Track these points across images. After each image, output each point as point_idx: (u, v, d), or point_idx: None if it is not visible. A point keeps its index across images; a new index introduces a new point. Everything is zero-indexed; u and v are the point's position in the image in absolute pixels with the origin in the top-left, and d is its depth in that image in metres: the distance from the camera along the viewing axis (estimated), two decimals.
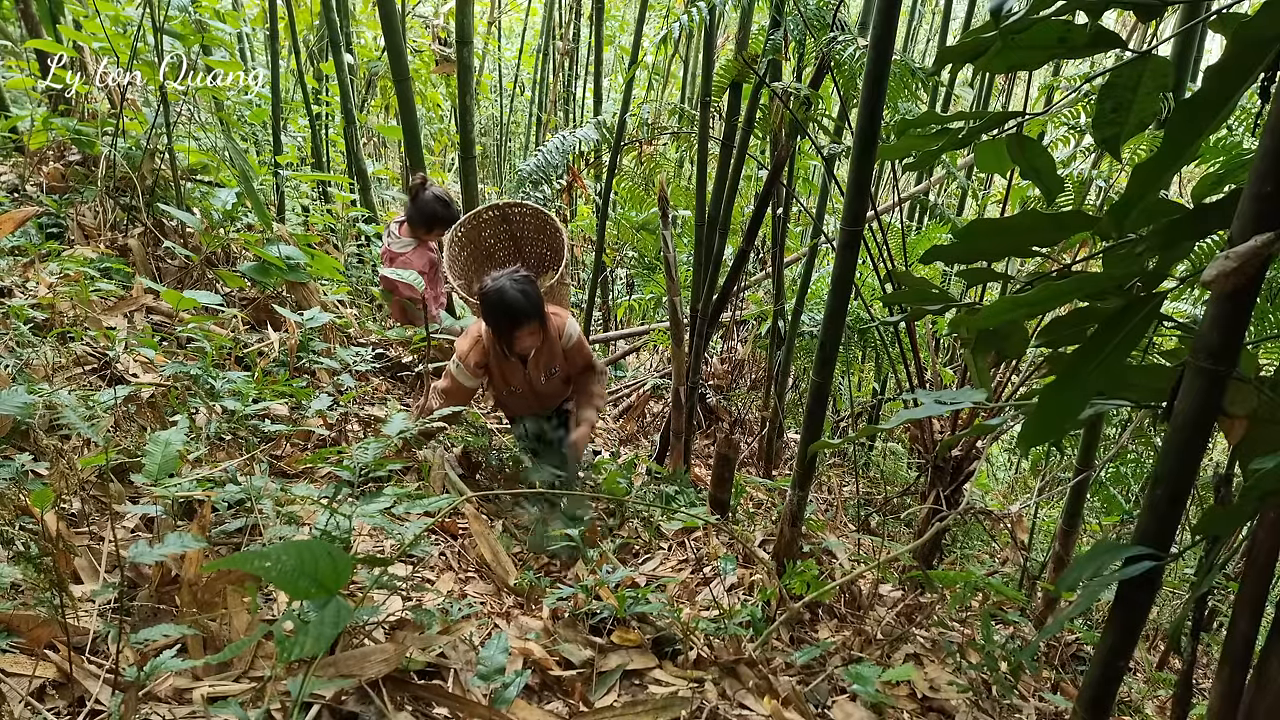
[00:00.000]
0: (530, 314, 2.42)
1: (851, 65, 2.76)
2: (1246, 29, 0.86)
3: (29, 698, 1.23)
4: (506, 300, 2.39)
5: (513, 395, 2.74)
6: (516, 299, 2.39)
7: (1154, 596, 1.07)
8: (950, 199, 6.35)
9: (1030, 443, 1.04)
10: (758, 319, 4.71)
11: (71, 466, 1.78)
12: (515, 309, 2.40)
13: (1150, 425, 3.00)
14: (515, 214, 3.42)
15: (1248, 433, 1.01)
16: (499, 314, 2.42)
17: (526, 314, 2.41)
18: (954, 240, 1.19)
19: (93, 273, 2.82)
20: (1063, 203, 3.14)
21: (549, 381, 2.71)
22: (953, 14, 5.37)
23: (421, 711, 1.46)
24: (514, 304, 2.39)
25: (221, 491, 1.85)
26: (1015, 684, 2.09)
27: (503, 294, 2.39)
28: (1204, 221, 0.98)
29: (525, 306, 2.40)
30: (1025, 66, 1.12)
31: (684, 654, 1.89)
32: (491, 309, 2.42)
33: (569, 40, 7.47)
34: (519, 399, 2.77)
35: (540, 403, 2.82)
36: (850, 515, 3.76)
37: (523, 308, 2.40)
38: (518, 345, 2.50)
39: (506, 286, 2.39)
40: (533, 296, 2.43)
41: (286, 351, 2.92)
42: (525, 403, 2.80)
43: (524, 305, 2.40)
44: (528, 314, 2.42)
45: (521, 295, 2.40)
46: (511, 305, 2.39)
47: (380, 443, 1.85)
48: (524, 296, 2.40)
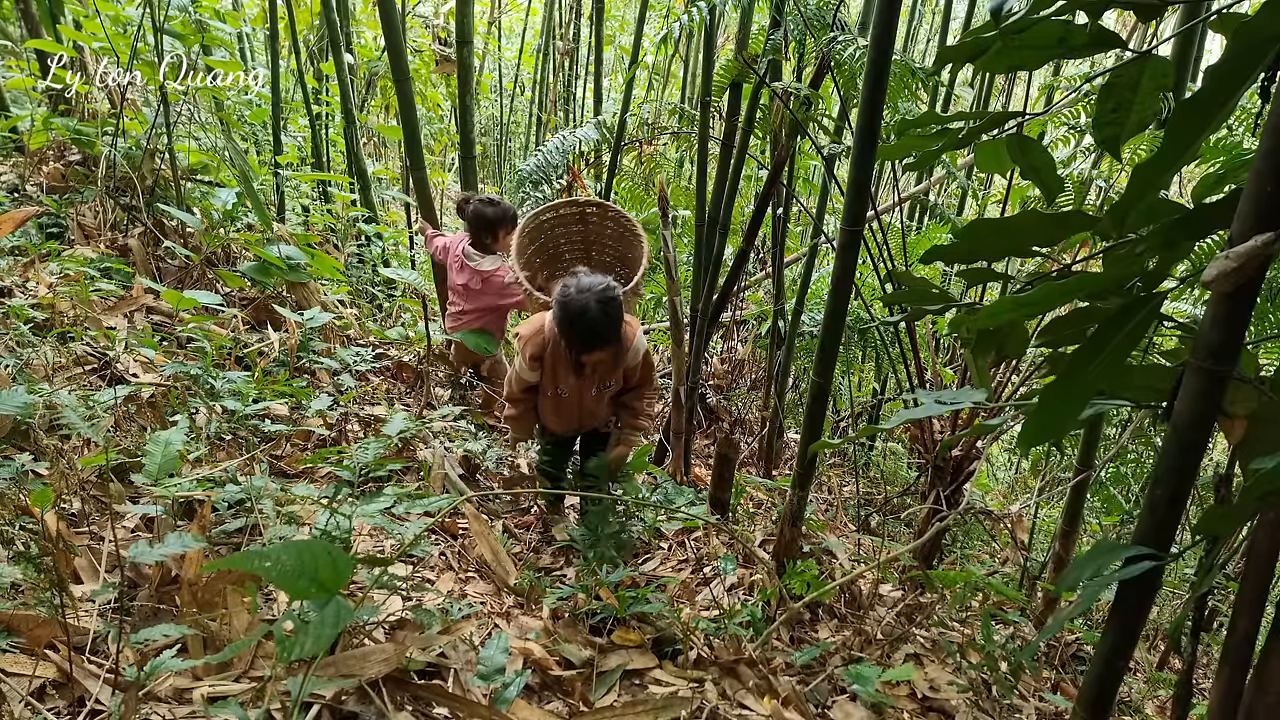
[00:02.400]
0: (609, 340, 2.21)
1: (851, 65, 2.76)
2: (1246, 29, 0.86)
3: (29, 698, 1.23)
4: (588, 321, 2.15)
5: (558, 400, 2.49)
6: (597, 321, 2.14)
7: (1154, 596, 1.07)
8: (950, 199, 6.35)
9: (1030, 443, 1.04)
10: (758, 319, 4.71)
11: (71, 466, 1.78)
12: (594, 333, 2.17)
13: (1150, 425, 3.00)
14: (594, 215, 3.23)
15: (1248, 433, 1.01)
16: (575, 332, 2.19)
17: (605, 340, 2.21)
18: (954, 240, 1.19)
19: (93, 273, 2.82)
20: (1063, 203, 3.14)
21: (600, 395, 2.50)
22: (953, 14, 5.37)
23: (421, 711, 1.46)
24: (593, 327, 2.15)
25: (221, 491, 1.85)
26: (1015, 684, 2.09)
27: (585, 313, 2.14)
28: (1204, 221, 0.97)
29: (606, 332, 2.18)
30: (1025, 66, 1.12)
31: (684, 654, 1.89)
32: (569, 324, 2.18)
33: (569, 40, 7.47)
34: (563, 405, 2.51)
35: (582, 419, 2.59)
36: (850, 515, 3.76)
37: (603, 333, 2.18)
38: (588, 360, 2.32)
39: (591, 306, 2.13)
40: (615, 319, 2.19)
41: (286, 351, 2.92)
42: (568, 412, 2.54)
43: (605, 330, 2.17)
44: (606, 340, 2.21)
45: (603, 317, 2.15)
46: (591, 328, 2.16)
47: (380, 443, 1.85)
48: (606, 319, 2.16)
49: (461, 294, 3.43)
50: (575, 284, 2.18)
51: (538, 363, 2.41)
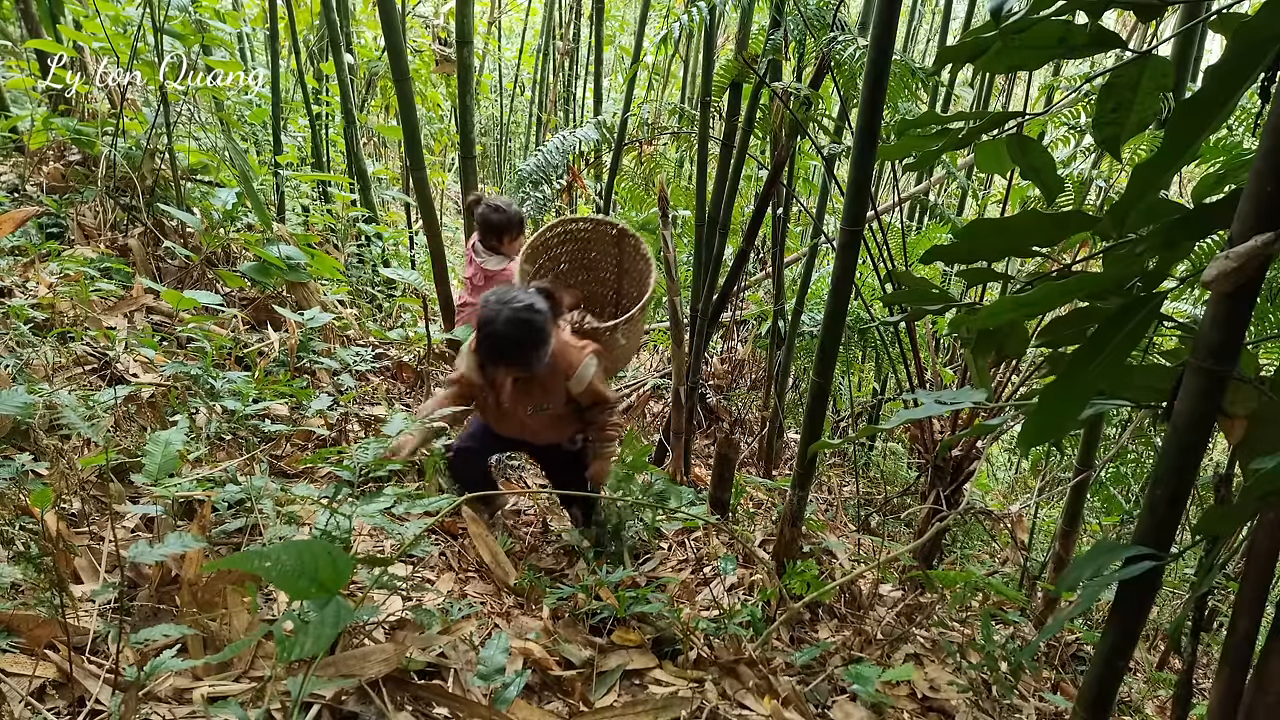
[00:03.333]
0: (511, 359, 2.10)
1: (851, 65, 2.76)
2: (1246, 29, 0.86)
3: (29, 698, 1.23)
4: (491, 334, 2.05)
5: (499, 407, 2.34)
6: (502, 338, 2.05)
7: (1154, 596, 1.07)
8: (950, 199, 6.35)
9: (1030, 443, 1.04)
10: (758, 319, 4.71)
11: (71, 466, 1.78)
12: (495, 349, 2.08)
13: (1150, 425, 3.00)
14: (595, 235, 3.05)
15: (1248, 433, 1.01)
16: (479, 341, 2.11)
17: (506, 358, 2.10)
18: (954, 240, 1.19)
19: (93, 273, 2.82)
20: (1063, 203, 3.14)
21: (536, 416, 2.35)
22: (953, 14, 5.37)
23: (421, 711, 1.46)
24: (496, 343, 2.07)
25: (221, 491, 1.85)
26: (1015, 684, 2.09)
27: (491, 326, 2.04)
28: (1204, 221, 0.98)
29: (508, 351, 2.07)
30: (1025, 66, 1.12)
31: (684, 654, 1.89)
32: (478, 332, 2.10)
33: (569, 40, 7.47)
34: (504, 414, 2.35)
35: (524, 433, 2.43)
36: (850, 515, 3.76)
37: (504, 351, 2.08)
38: (495, 378, 2.23)
39: (499, 320, 2.03)
40: (524, 340, 2.06)
41: (286, 351, 2.92)
42: (509, 421, 2.38)
43: (507, 349, 2.07)
44: (507, 358, 2.10)
45: (510, 335, 2.04)
46: (492, 342, 2.07)
47: (380, 443, 1.85)
48: (512, 338, 2.05)
49: (468, 288, 3.46)
50: (497, 294, 2.10)
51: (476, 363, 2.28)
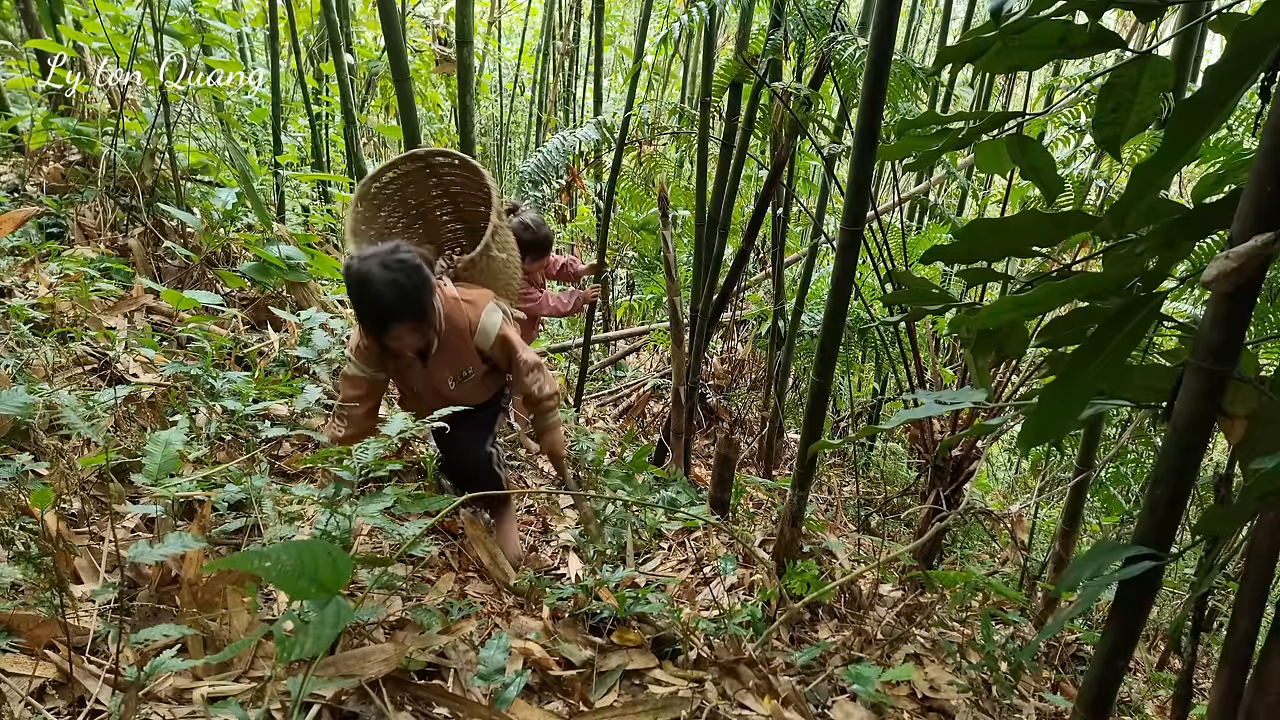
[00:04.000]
0: (403, 313, 1.85)
1: (851, 65, 2.76)
2: (1246, 29, 0.86)
3: (29, 698, 1.23)
4: (372, 291, 1.79)
5: (417, 401, 2.13)
6: (383, 289, 1.79)
7: (1154, 596, 1.07)
8: (950, 199, 6.35)
9: (1030, 443, 1.04)
10: (758, 319, 4.71)
11: (71, 466, 1.78)
12: (382, 305, 1.82)
13: (1150, 425, 3.00)
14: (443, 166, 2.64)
15: (1248, 433, 1.01)
16: (363, 307, 1.86)
17: (397, 313, 1.84)
18: (954, 240, 1.19)
19: (93, 273, 2.81)
20: (1063, 203, 3.14)
21: (460, 386, 2.12)
22: (953, 14, 5.37)
23: (421, 711, 1.46)
24: (380, 298, 1.80)
25: (221, 491, 1.85)
26: (1015, 684, 2.09)
27: (365, 283, 1.79)
28: (1204, 221, 0.98)
29: (397, 303, 1.82)
30: (1025, 66, 1.12)
31: (684, 654, 1.89)
32: (355, 299, 1.85)
33: (569, 40, 7.47)
34: (427, 403, 2.06)
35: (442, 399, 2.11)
36: (850, 515, 3.76)
37: (392, 305, 1.82)
38: (394, 343, 1.95)
39: (373, 273, 1.78)
40: (409, 287, 1.82)
41: (286, 351, 2.92)
42: (425, 398, 2.15)
43: (395, 301, 1.81)
44: (399, 313, 1.84)
45: (390, 287, 1.79)
46: (378, 300, 1.81)
47: (380, 443, 1.85)
48: (396, 287, 1.80)
49: None
50: (358, 253, 1.87)
51: (376, 359, 2.04)
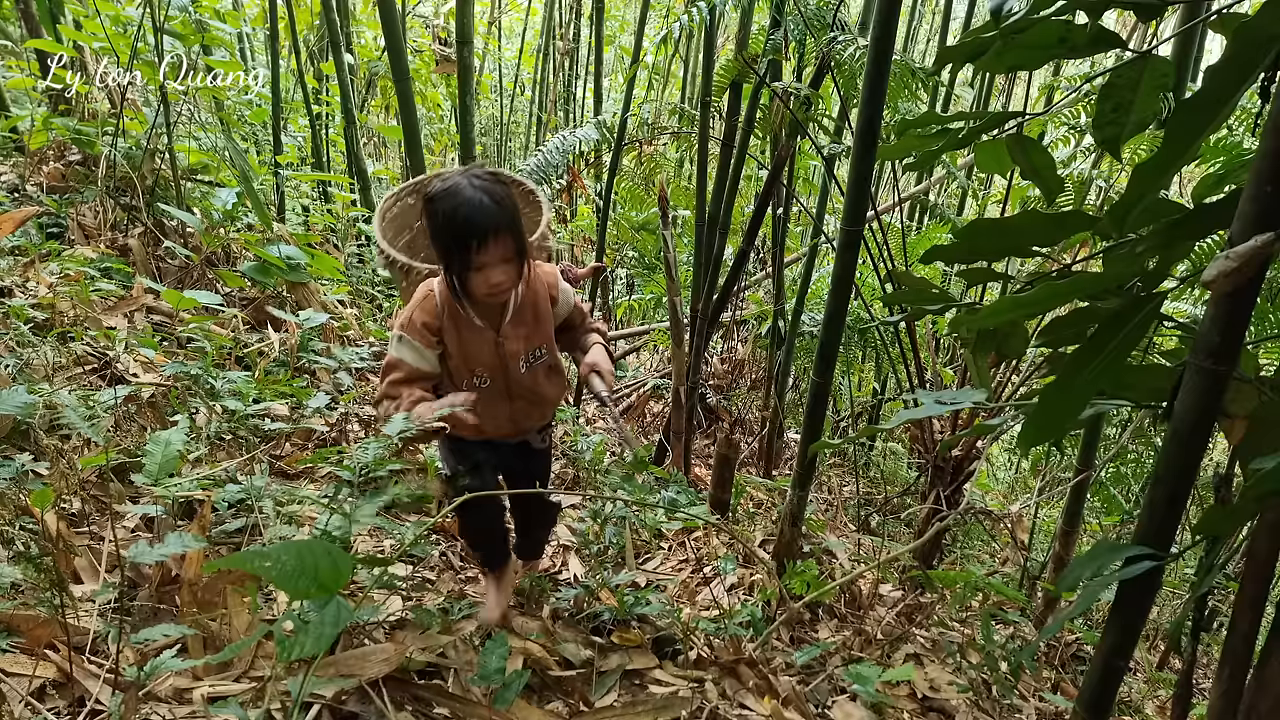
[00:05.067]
0: (500, 224, 1.52)
1: (851, 65, 2.76)
2: (1246, 29, 0.86)
3: (29, 698, 1.23)
4: (460, 203, 1.50)
5: (480, 389, 1.73)
6: (478, 200, 1.50)
7: (1154, 596, 1.07)
8: (950, 199, 6.35)
9: (1030, 443, 1.04)
10: (758, 319, 4.72)
11: (71, 466, 1.78)
12: (480, 214, 1.50)
13: (1150, 425, 3.00)
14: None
15: (1248, 433, 1.01)
16: (449, 226, 1.52)
17: (496, 224, 1.51)
18: (954, 240, 1.19)
19: (93, 273, 2.82)
20: (1063, 203, 3.14)
21: (531, 372, 1.77)
22: (953, 14, 5.37)
23: (421, 711, 1.46)
24: (475, 208, 1.50)
25: (221, 491, 1.85)
26: (1015, 684, 2.09)
27: (455, 193, 1.51)
28: (1204, 221, 0.97)
29: (494, 212, 1.51)
30: (1025, 66, 1.12)
31: (684, 654, 1.89)
32: (439, 221, 1.53)
33: (569, 40, 7.47)
34: (489, 396, 1.73)
35: (515, 414, 1.82)
36: (850, 515, 3.76)
37: (491, 214, 1.51)
38: (484, 280, 1.57)
39: (464, 184, 1.51)
40: (504, 200, 1.55)
41: (286, 351, 2.92)
42: (497, 405, 1.76)
43: (492, 211, 1.51)
44: (497, 224, 1.51)
45: (488, 194, 1.51)
46: (471, 210, 1.50)
47: (380, 442, 1.85)
48: (492, 196, 1.52)
49: None
50: (439, 178, 1.61)
51: (434, 336, 1.67)
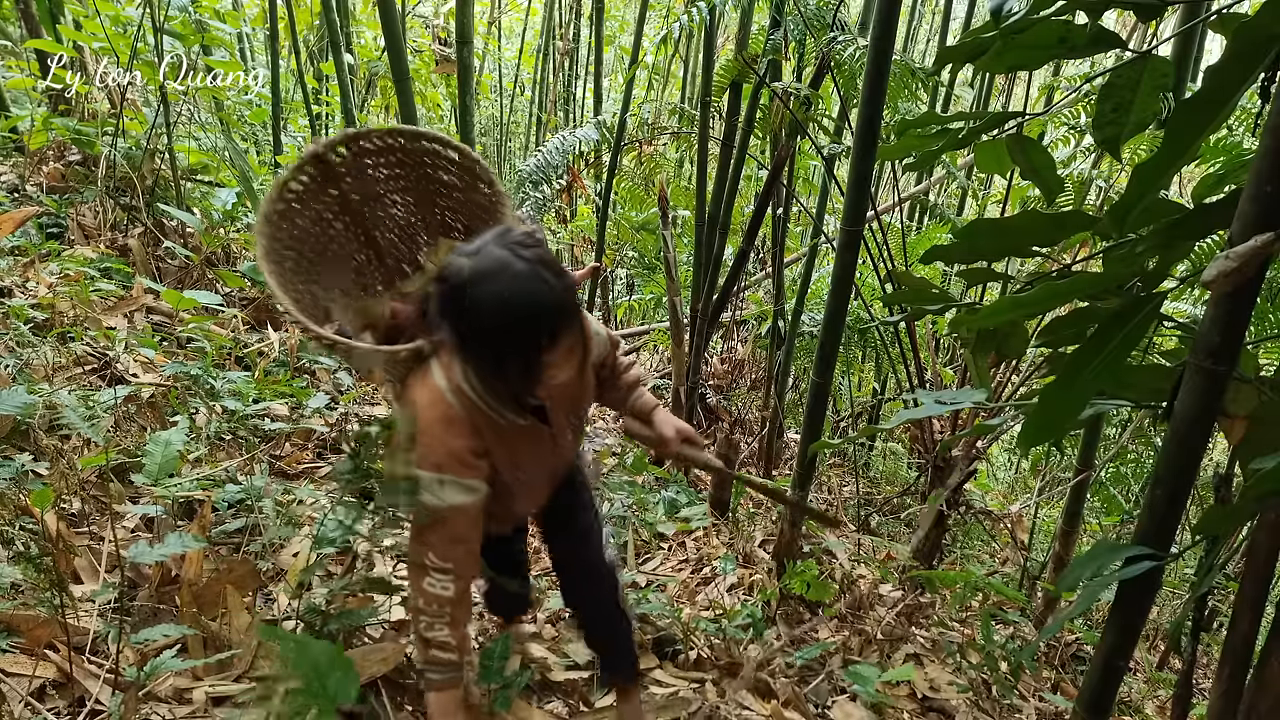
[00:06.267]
0: (569, 308, 1.14)
1: (851, 65, 2.76)
2: (1246, 29, 0.86)
3: (29, 698, 1.23)
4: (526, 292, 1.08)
5: (523, 483, 1.36)
6: (538, 283, 1.09)
7: (1154, 596, 1.07)
8: (950, 199, 6.35)
9: (1030, 443, 1.04)
10: (758, 319, 4.71)
11: (71, 466, 1.78)
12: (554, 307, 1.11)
13: (1150, 425, 3.00)
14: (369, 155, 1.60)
15: (1248, 433, 1.01)
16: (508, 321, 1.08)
17: (569, 315, 1.13)
18: (954, 240, 1.19)
19: (93, 273, 2.81)
20: (1063, 203, 3.14)
21: (575, 436, 1.46)
22: (953, 14, 5.37)
23: (421, 711, 1.45)
24: (546, 299, 1.10)
25: (221, 491, 1.85)
26: (1015, 684, 2.09)
27: (510, 279, 1.07)
28: (1204, 221, 0.98)
29: (559, 293, 1.11)
30: (1025, 66, 1.12)
31: (684, 654, 1.89)
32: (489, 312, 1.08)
33: (569, 40, 7.47)
34: (529, 485, 1.39)
35: (554, 477, 1.48)
36: (850, 515, 3.76)
37: (563, 303, 1.12)
38: (551, 381, 1.19)
39: (510, 262, 1.08)
40: (564, 273, 1.15)
41: (286, 351, 2.92)
42: (536, 489, 1.44)
43: (557, 292, 1.11)
44: (566, 309, 1.13)
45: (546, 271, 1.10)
46: (541, 301, 1.09)
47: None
48: (551, 272, 1.11)
49: None
50: (467, 254, 1.10)
51: (480, 458, 1.24)
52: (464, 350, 1.15)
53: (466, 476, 1.21)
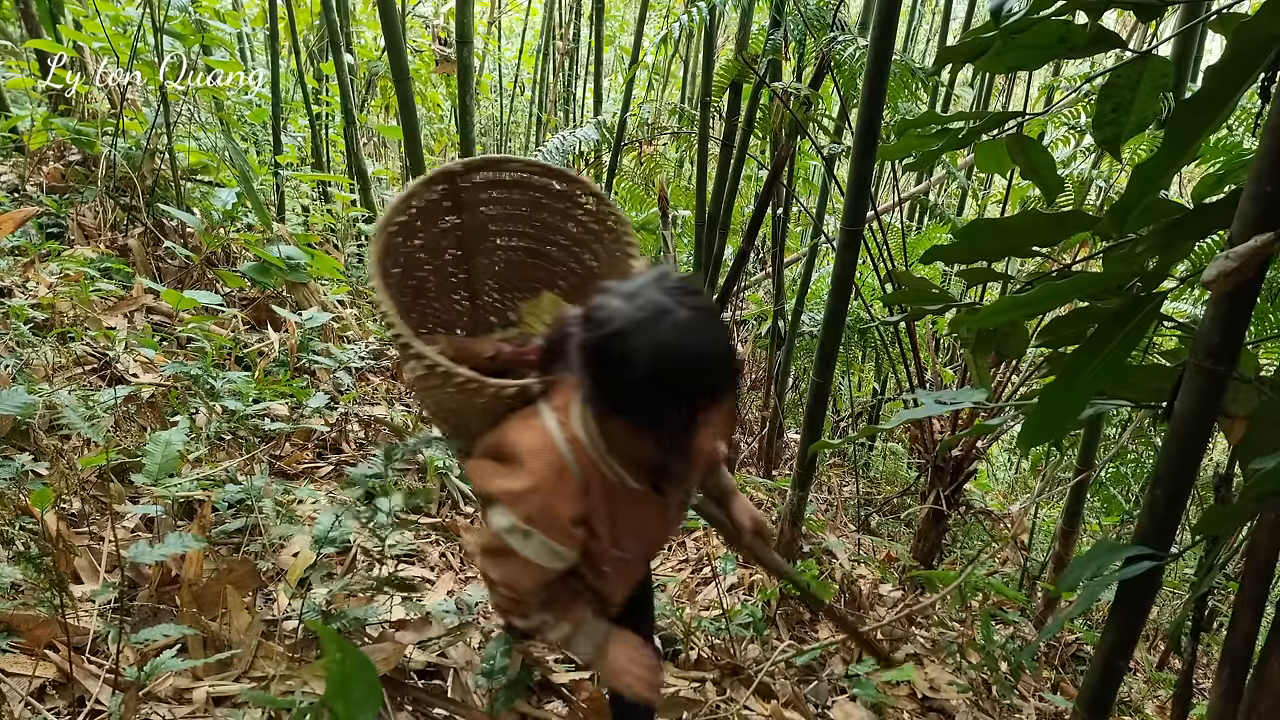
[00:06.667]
0: (732, 365, 1.03)
1: (851, 65, 2.76)
2: (1246, 29, 0.86)
3: (29, 698, 1.23)
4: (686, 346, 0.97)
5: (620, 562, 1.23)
6: (704, 336, 0.99)
7: (1154, 596, 1.07)
8: (950, 199, 6.35)
9: (1030, 443, 1.04)
10: (758, 319, 4.71)
11: (71, 466, 1.78)
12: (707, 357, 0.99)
13: (1150, 425, 3.00)
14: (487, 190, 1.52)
15: (1248, 433, 1.01)
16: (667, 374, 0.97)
17: (729, 366, 1.02)
18: (954, 240, 1.19)
19: (93, 273, 2.81)
20: (1063, 203, 3.14)
21: (681, 510, 1.35)
22: (953, 14, 5.37)
23: (421, 712, 1.46)
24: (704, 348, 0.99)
25: (221, 491, 1.85)
26: (1015, 684, 2.09)
27: (672, 329, 0.96)
28: (1204, 221, 0.98)
29: (724, 348, 1.01)
30: (1025, 66, 1.12)
31: (685, 654, 1.89)
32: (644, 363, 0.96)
33: (569, 40, 7.47)
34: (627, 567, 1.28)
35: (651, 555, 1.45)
36: (850, 515, 3.76)
37: (721, 352, 1.01)
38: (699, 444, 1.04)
39: (671, 310, 0.97)
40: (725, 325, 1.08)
41: (286, 351, 2.92)
42: (633, 565, 1.31)
43: (722, 347, 1.01)
44: (730, 366, 1.02)
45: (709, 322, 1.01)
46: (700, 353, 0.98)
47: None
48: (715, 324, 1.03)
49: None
50: (622, 296, 0.99)
51: (579, 528, 1.13)
52: (601, 402, 1.02)
53: (556, 539, 1.09)
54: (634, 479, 1.13)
